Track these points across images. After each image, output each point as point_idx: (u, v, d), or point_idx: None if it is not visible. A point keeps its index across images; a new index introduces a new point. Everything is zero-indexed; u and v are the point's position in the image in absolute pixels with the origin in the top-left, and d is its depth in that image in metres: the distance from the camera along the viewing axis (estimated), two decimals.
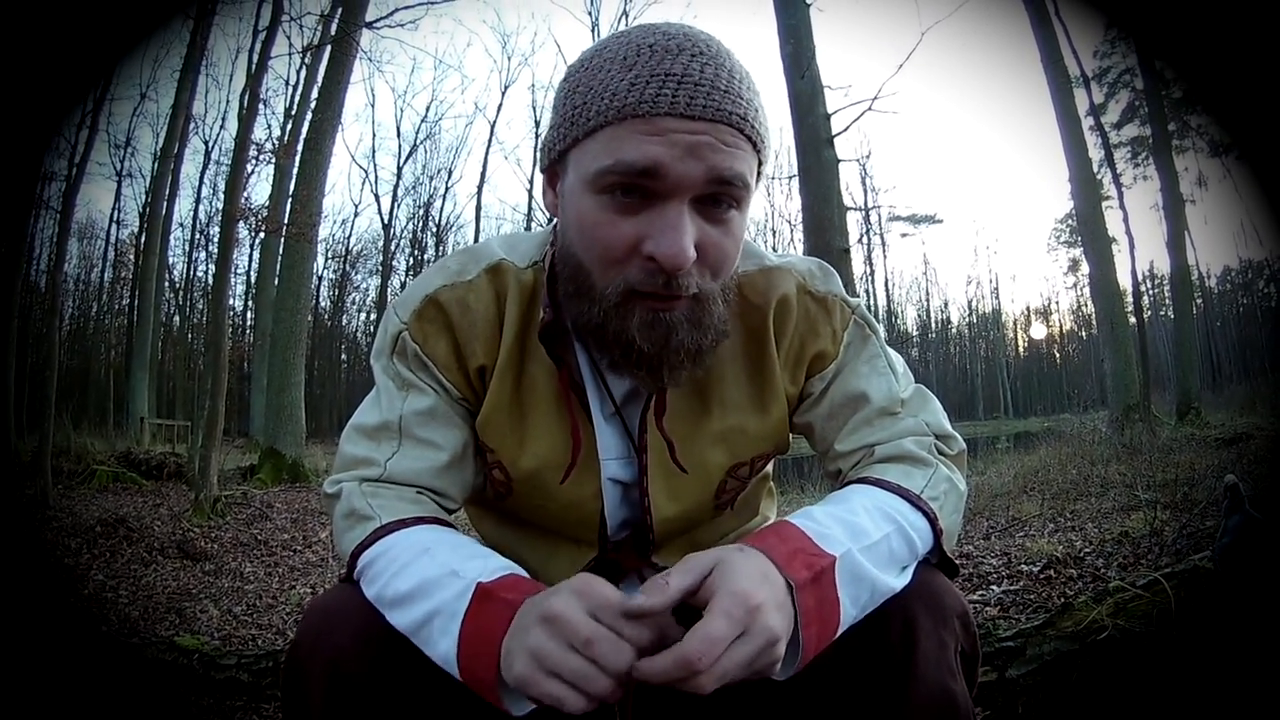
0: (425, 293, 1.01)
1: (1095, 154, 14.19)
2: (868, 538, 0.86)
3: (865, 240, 44.24)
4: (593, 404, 1.03)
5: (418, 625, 0.84)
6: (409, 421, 1.02)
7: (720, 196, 0.84)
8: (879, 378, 1.05)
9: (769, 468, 1.24)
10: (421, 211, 40.08)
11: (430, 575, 0.86)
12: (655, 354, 0.87)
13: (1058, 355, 58.07)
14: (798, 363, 1.06)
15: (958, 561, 0.98)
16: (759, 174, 0.90)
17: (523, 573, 0.88)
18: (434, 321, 1.01)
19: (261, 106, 9.98)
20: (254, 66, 9.25)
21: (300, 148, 11.68)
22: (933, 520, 0.94)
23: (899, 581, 0.87)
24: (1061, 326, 57.56)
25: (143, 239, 24.63)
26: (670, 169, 0.81)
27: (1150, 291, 37.99)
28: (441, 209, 41.50)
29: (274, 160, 10.16)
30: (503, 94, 53.79)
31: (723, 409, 1.04)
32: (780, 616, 0.74)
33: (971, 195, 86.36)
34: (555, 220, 0.98)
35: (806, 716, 0.89)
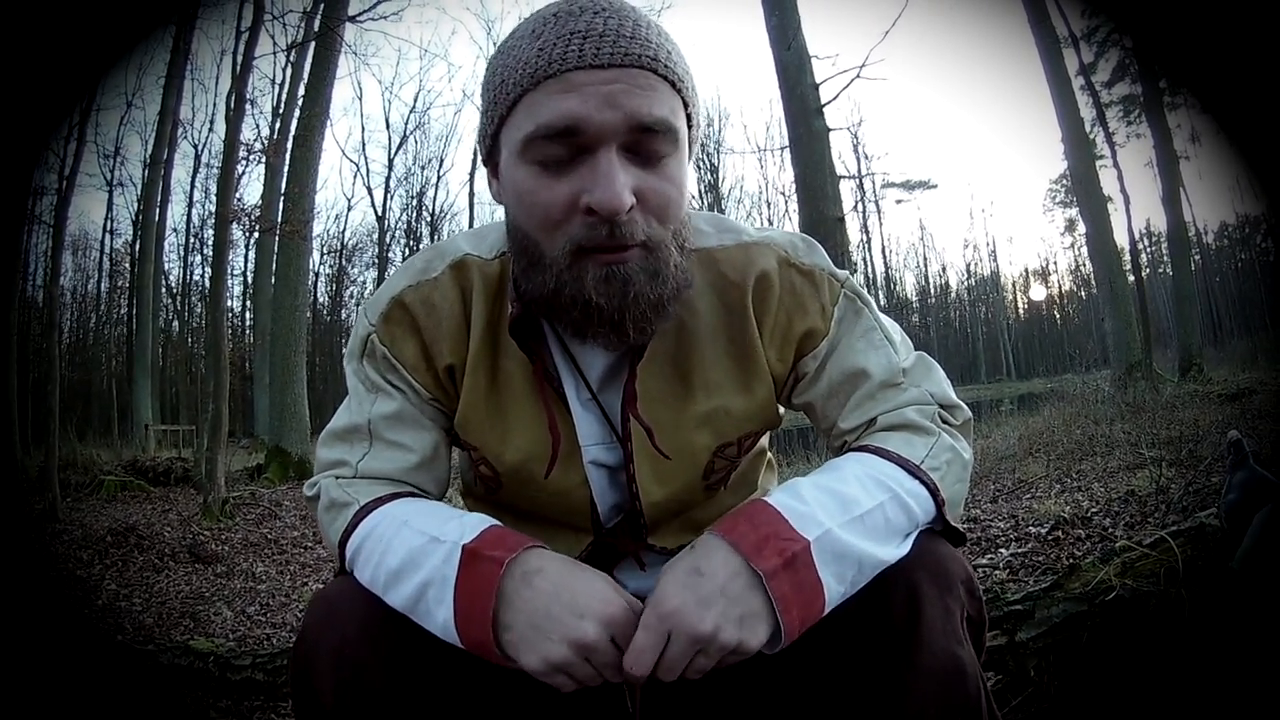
0: (391, 294, 1.01)
1: (1087, 113, 14.16)
2: (858, 507, 0.86)
3: (860, 208, 44.26)
4: (569, 391, 1.01)
5: (414, 600, 0.85)
6: (377, 424, 1.03)
7: (648, 144, 0.84)
8: (876, 351, 1.03)
9: (764, 441, 1.21)
10: (415, 202, 39.91)
11: (414, 545, 0.87)
12: (615, 309, 0.86)
13: (1058, 316, 57.72)
14: (785, 340, 1.02)
15: (964, 527, 0.97)
16: (691, 116, 0.90)
17: (497, 522, 0.90)
18: (400, 324, 1.01)
19: (249, 107, 9.98)
20: (239, 67, 9.22)
21: (290, 145, 11.66)
22: (933, 490, 0.92)
23: (896, 551, 0.87)
24: (1060, 287, 57.24)
25: (137, 247, 24.56)
26: (589, 121, 0.81)
27: (1148, 249, 37.87)
28: (435, 198, 41.49)
29: (264, 160, 10.14)
30: None
31: (706, 391, 1.01)
32: (712, 613, 0.78)
33: (965, 159, 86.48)
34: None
35: (814, 689, 0.89)
